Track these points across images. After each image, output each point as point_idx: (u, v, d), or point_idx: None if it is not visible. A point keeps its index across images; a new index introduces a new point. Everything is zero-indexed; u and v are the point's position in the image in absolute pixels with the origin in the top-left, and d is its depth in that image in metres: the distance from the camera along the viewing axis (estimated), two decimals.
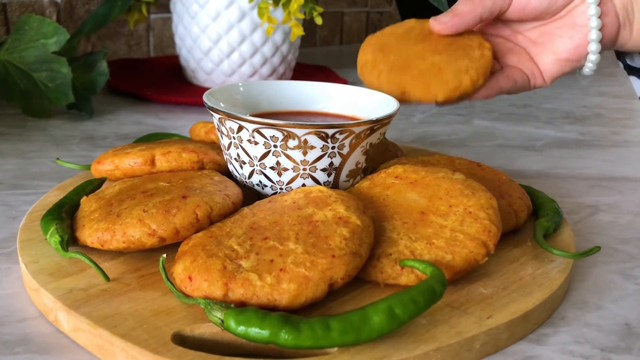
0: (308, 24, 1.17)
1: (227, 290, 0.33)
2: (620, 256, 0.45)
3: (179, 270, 0.35)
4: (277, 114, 0.50)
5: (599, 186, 0.60)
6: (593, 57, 0.49)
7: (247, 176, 0.44)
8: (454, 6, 0.50)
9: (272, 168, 0.43)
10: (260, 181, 0.44)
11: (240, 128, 0.42)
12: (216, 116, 0.43)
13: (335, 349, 0.31)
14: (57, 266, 0.38)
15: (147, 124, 0.76)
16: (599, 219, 0.52)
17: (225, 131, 0.44)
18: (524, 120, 0.84)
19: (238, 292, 0.33)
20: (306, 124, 0.40)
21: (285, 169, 0.42)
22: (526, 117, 0.86)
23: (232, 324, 0.31)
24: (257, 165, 0.43)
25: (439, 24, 0.49)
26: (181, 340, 0.32)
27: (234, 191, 0.42)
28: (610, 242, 0.48)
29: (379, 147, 0.46)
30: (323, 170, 0.43)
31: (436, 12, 1.03)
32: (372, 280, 0.37)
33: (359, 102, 0.50)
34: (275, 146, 0.42)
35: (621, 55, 0.57)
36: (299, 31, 0.79)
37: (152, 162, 0.47)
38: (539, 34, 0.51)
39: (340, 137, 0.41)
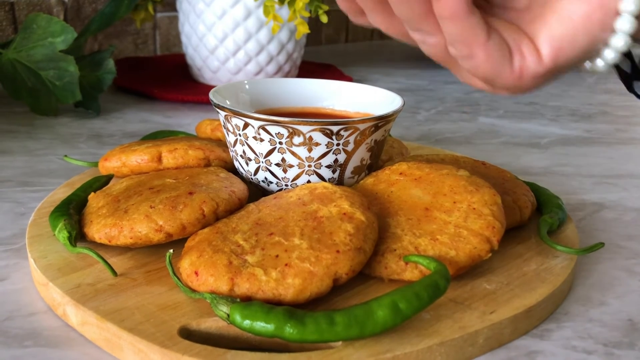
0: (314, 22, 1.17)
1: (232, 285, 0.34)
2: (625, 253, 0.46)
3: (186, 265, 0.36)
4: (282, 112, 0.50)
5: (603, 183, 0.60)
6: (620, 44, 0.31)
7: (252, 173, 0.45)
8: None
9: (277, 165, 0.43)
10: (265, 178, 0.44)
11: (246, 125, 0.42)
12: (222, 113, 0.44)
13: (340, 343, 0.31)
14: (66, 261, 0.38)
15: (154, 121, 0.76)
16: (604, 215, 0.52)
17: (231, 128, 0.44)
18: (530, 118, 0.84)
19: (244, 287, 0.33)
20: (311, 121, 0.41)
21: (291, 166, 0.43)
22: (531, 115, 0.86)
23: (237, 318, 0.31)
24: (262, 162, 0.43)
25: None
26: (187, 334, 0.32)
27: (240, 187, 0.42)
28: (614, 238, 0.48)
29: (384, 144, 0.47)
30: (328, 166, 0.43)
31: None
32: (376, 275, 0.37)
33: (363, 99, 0.50)
34: (280, 143, 0.42)
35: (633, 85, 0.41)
36: (304, 29, 0.79)
37: (159, 159, 0.47)
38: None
39: (345, 134, 0.42)
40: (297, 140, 0.41)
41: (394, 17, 0.32)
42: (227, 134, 0.45)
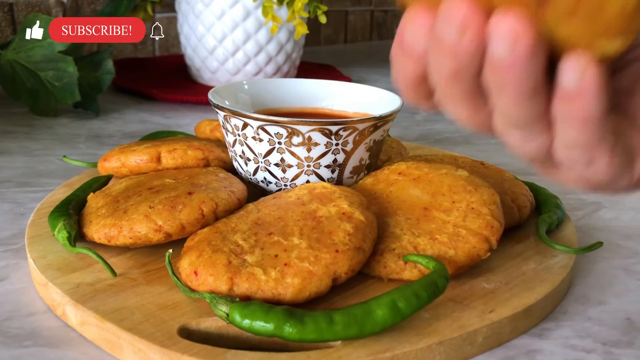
0: (312, 22, 1.17)
1: (232, 285, 0.34)
2: (623, 252, 0.46)
3: (185, 265, 0.36)
4: (281, 112, 0.50)
5: None
6: None
7: (251, 173, 0.45)
8: None
9: (276, 165, 0.43)
10: (264, 178, 0.44)
11: (245, 125, 0.42)
12: (221, 113, 0.44)
13: (339, 342, 0.31)
14: (65, 261, 0.38)
15: (153, 122, 0.76)
16: (602, 215, 0.52)
17: (230, 128, 0.44)
18: None
19: (243, 287, 0.34)
20: (310, 121, 0.41)
21: (290, 166, 0.43)
22: None
23: (237, 317, 0.31)
24: (261, 162, 0.44)
25: None
26: (187, 333, 0.33)
27: (239, 187, 0.42)
28: (613, 238, 0.48)
29: (383, 144, 0.47)
30: (327, 166, 0.43)
31: None
32: (375, 275, 0.37)
33: (362, 99, 0.50)
34: (279, 143, 0.42)
35: None
36: (303, 30, 0.79)
37: (158, 159, 0.47)
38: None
39: (344, 134, 0.42)
40: (296, 140, 0.42)
41: (484, 109, 0.24)
42: (226, 134, 0.45)
